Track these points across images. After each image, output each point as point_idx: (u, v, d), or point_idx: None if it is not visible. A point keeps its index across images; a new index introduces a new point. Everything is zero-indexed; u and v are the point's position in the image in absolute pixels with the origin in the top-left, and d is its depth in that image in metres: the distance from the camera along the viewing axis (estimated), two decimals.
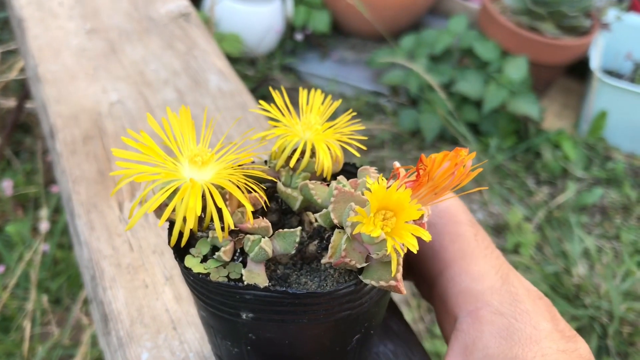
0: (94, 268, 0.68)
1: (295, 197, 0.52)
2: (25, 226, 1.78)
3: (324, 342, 0.50)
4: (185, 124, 0.49)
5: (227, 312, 0.47)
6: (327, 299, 0.45)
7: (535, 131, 2.37)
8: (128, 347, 0.61)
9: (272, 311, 0.45)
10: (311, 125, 0.53)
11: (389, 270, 0.45)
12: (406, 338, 0.64)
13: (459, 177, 0.44)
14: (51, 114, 0.86)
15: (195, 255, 0.47)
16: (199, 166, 0.46)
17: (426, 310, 1.83)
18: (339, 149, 0.54)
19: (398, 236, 0.41)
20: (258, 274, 0.48)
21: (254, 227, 0.48)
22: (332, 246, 0.45)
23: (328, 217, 0.48)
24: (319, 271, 0.50)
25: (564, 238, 2.03)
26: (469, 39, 2.42)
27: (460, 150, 0.44)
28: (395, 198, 0.41)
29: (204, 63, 0.98)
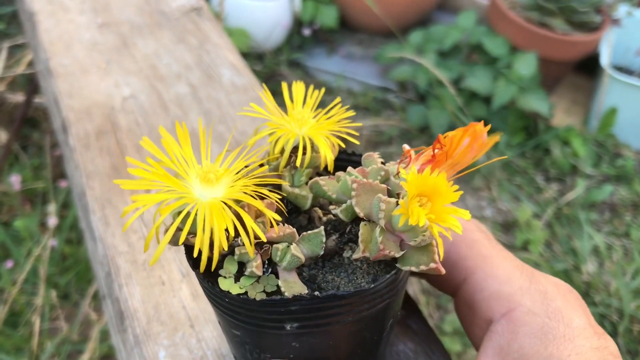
0: (109, 264, 0.67)
1: (305, 196, 0.52)
2: (34, 221, 1.78)
3: (364, 334, 0.49)
4: (184, 143, 0.48)
5: (269, 327, 0.45)
6: (371, 293, 0.44)
7: (544, 127, 2.36)
8: (145, 345, 0.60)
9: (318, 317, 0.44)
10: (305, 120, 0.52)
11: (427, 254, 0.45)
12: (426, 337, 0.64)
13: (477, 151, 0.44)
14: (63, 108, 0.86)
15: (226, 277, 0.46)
16: (213, 184, 0.45)
17: (435, 308, 1.82)
18: (336, 139, 0.53)
19: (440, 220, 0.40)
20: (295, 282, 0.47)
21: (279, 236, 0.47)
22: (362, 240, 0.45)
23: (350, 211, 0.47)
24: (343, 265, 0.50)
25: (573, 235, 2.02)
26: (478, 34, 2.41)
27: (476, 125, 0.44)
28: (432, 183, 0.40)
29: (216, 57, 0.97)
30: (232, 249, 0.47)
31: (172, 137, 0.47)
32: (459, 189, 0.42)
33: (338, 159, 0.57)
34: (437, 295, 1.85)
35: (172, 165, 0.46)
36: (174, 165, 0.46)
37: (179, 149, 0.47)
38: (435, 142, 0.46)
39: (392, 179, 0.49)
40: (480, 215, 2.11)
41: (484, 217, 2.10)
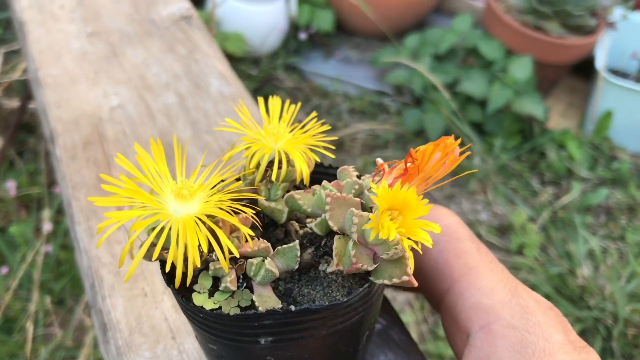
0: (93, 276, 0.68)
1: (281, 210, 0.52)
2: (29, 227, 1.78)
3: (339, 347, 0.50)
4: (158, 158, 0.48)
5: (243, 341, 0.46)
6: (345, 306, 0.45)
7: (540, 131, 2.36)
8: (127, 356, 0.61)
9: (292, 330, 0.45)
10: (280, 134, 0.52)
11: (399, 267, 0.45)
12: (407, 348, 0.64)
13: (449, 165, 0.45)
14: (51, 118, 0.86)
15: (201, 292, 0.47)
16: (187, 199, 0.45)
17: (429, 312, 1.82)
18: (311, 153, 0.54)
19: (411, 234, 0.41)
20: (269, 297, 0.47)
21: (253, 250, 0.47)
22: (336, 254, 0.45)
23: (324, 225, 0.48)
24: (319, 279, 0.50)
25: (568, 239, 2.02)
26: (474, 38, 2.41)
27: (447, 139, 0.45)
28: (402, 197, 0.41)
29: (205, 66, 0.98)
30: (207, 264, 0.47)
31: (147, 153, 0.48)
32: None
33: (315, 172, 0.57)
34: None
35: (146, 181, 0.47)
36: (147, 181, 0.47)
37: (154, 165, 0.48)
38: (407, 156, 0.46)
39: (366, 193, 0.50)
40: (475, 218, 2.11)
41: (479, 220, 2.10)
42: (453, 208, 2.15)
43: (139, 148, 0.47)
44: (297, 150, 0.53)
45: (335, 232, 0.48)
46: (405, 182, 0.45)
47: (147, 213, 0.45)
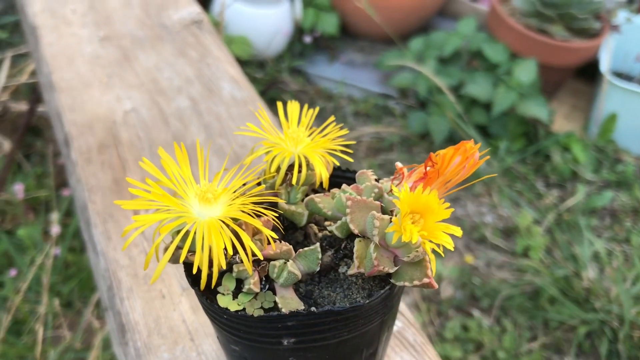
0: (111, 278, 0.69)
1: (301, 213, 0.53)
2: (37, 230, 1.79)
3: (360, 347, 0.51)
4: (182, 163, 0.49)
5: (266, 342, 0.47)
6: (367, 308, 0.46)
7: (544, 134, 2.37)
8: (146, 357, 0.61)
9: (314, 332, 0.45)
10: (300, 139, 0.53)
11: (420, 269, 0.46)
12: (422, 348, 0.65)
13: (469, 169, 0.45)
14: (66, 122, 0.87)
15: (225, 293, 0.47)
16: (211, 203, 0.46)
17: (436, 314, 1.83)
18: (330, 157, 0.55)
19: (433, 237, 0.42)
20: (291, 299, 0.48)
21: (276, 253, 0.48)
22: (357, 256, 0.46)
23: (345, 228, 0.49)
24: (339, 281, 0.51)
25: (573, 241, 2.03)
26: (478, 41, 2.42)
27: (467, 144, 0.46)
28: (424, 201, 0.41)
29: (217, 71, 0.99)
30: (231, 266, 0.48)
31: (171, 158, 0.48)
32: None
33: (333, 175, 0.58)
34: (438, 302, 1.86)
35: (171, 185, 0.48)
36: (172, 185, 0.48)
37: (178, 169, 0.48)
38: (427, 160, 0.47)
39: (385, 196, 0.50)
40: (480, 221, 2.12)
41: (484, 223, 2.11)
42: (458, 210, 2.15)
43: (163, 152, 0.48)
44: (317, 154, 0.53)
45: (355, 235, 0.48)
46: (426, 185, 0.46)
47: (172, 216, 0.45)
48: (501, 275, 1.94)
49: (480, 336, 1.75)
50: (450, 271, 1.94)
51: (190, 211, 0.46)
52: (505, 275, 1.94)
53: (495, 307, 1.84)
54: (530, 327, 1.80)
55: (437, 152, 0.47)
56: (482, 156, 0.47)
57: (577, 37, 2.36)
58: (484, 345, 1.73)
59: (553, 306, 1.83)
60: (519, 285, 1.89)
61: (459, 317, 1.82)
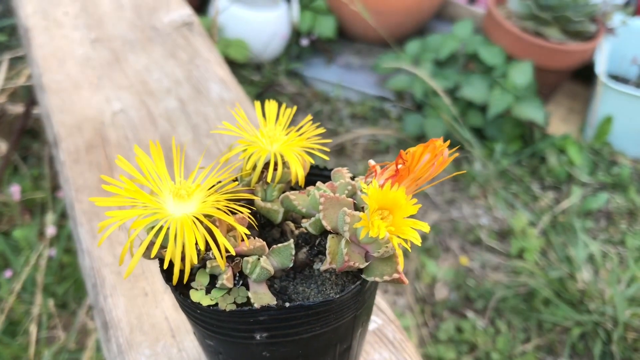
0: (95, 276, 0.69)
1: (277, 210, 0.53)
2: (32, 231, 1.80)
3: (334, 342, 0.51)
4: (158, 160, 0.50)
5: (239, 337, 0.47)
6: (338, 303, 0.46)
7: (540, 136, 2.37)
8: (127, 354, 0.62)
9: (287, 326, 0.46)
10: (276, 137, 0.54)
11: (390, 265, 0.46)
12: (401, 346, 0.65)
13: (438, 166, 0.46)
14: (55, 123, 0.88)
15: (198, 289, 0.48)
16: (185, 199, 0.47)
17: (430, 315, 1.83)
18: (307, 155, 0.55)
19: (400, 232, 0.42)
20: (264, 294, 0.49)
21: (249, 249, 0.49)
22: (329, 252, 0.47)
23: (318, 224, 0.49)
24: (313, 277, 0.51)
25: (568, 243, 2.03)
26: (474, 44, 2.42)
27: (436, 141, 0.46)
28: (392, 197, 0.42)
29: (205, 72, 1.00)
30: (204, 262, 0.49)
31: (147, 155, 0.49)
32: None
33: (310, 174, 0.59)
34: (432, 304, 1.87)
35: (146, 182, 0.48)
36: (148, 182, 0.48)
37: (153, 166, 0.49)
38: (397, 157, 0.48)
39: (358, 193, 0.51)
40: (476, 223, 2.12)
41: (480, 225, 2.11)
42: (454, 213, 2.16)
43: (138, 150, 0.49)
44: (293, 152, 0.54)
45: (329, 231, 0.49)
46: (396, 182, 0.47)
47: (147, 212, 0.46)
48: (496, 277, 1.95)
49: (474, 337, 1.76)
50: (445, 273, 1.94)
51: (164, 208, 0.47)
52: (500, 277, 1.95)
53: (490, 309, 1.85)
54: (524, 329, 1.81)
55: (407, 150, 0.48)
56: (451, 154, 0.48)
57: (572, 40, 2.36)
58: (478, 347, 1.74)
59: (547, 308, 1.83)
60: (513, 287, 1.90)
61: (453, 319, 1.82)
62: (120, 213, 0.44)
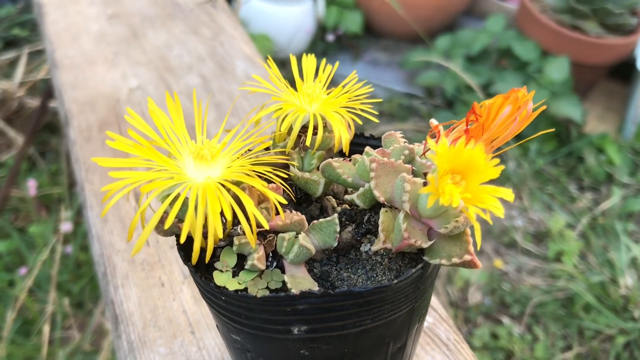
0: (105, 264, 0.61)
1: (317, 181, 0.45)
2: (48, 227, 1.73)
3: (386, 340, 0.42)
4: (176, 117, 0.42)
5: (273, 330, 0.39)
6: (395, 290, 0.37)
7: (577, 135, 2.26)
8: (140, 352, 0.54)
9: (330, 318, 0.37)
10: (315, 95, 0.45)
11: (460, 244, 0.37)
12: (456, 349, 0.56)
13: (520, 123, 0.37)
14: (66, 100, 0.80)
15: (223, 270, 0.40)
16: (208, 161, 0.38)
17: (463, 321, 1.73)
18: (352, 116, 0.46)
19: (478, 201, 0.33)
20: (303, 278, 0.40)
21: (285, 224, 0.40)
22: (383, 229, 0.38)
23: (369, 196, 0.41)
24: (361, 261, 0.43)
25: (609, 246, 1.92)
26: (507, 39, 2.33)
27: (518, 91, 0.37)
28: (467, 157, 0.33)
29: (230, 49, 0.92)
30: (231, 239, 0.40)
31: (162, 111, 0.41)
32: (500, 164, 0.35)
33: (354, 143, 0.50)
34: (465, 309, 1.76)
35: (163, 143, 0.40)
36: (163, 141, 0.40)
37: (170, 124, 0.41)
38: (469, 112, 0.39)
39: (417, 160, 0.42)
40: (510, 225, 2.02)
41: (514, 227, 2.01)
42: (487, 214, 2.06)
43: (152, 104, 0.40)
44: (335, 113, 0.46)
45: (380, 204, 0.40)
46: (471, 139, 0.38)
47: (163, 176, 0.38)
48: (532, 281, 1.84)
49: (510, 345, 1.65)
50: (479, 276, 1.84)
51: (183, 172, 0.39)
52: (537, 281, 1.84)
53: (527, 315, 1.74)
54: (564, 336, 1.70)
55: (481, 103, 0.39)
56: (536, 107, 0.39)
57: (611, 34, 2.25)
58: (515, 355, 1.63)
59: (588, 314, 1.72)
60: (551, 292, 1.79)
61: (487, 325, 1.72)
62: (127, 174, 0.36)
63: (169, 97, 0.40)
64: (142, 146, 0.36)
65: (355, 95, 0.47)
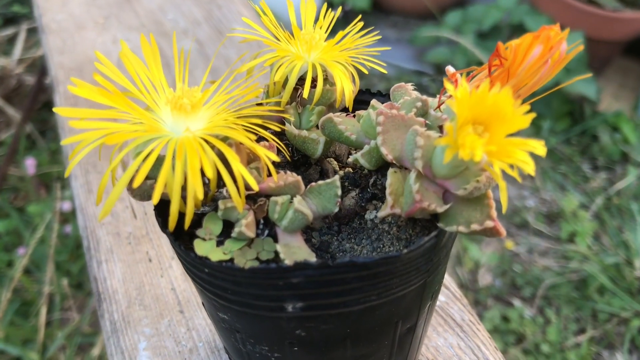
0: (89, 238, 0.56)
1: (316, 140, 0.39)
2: (48, 206, 1.69)
3: (394, 320, 0.37)
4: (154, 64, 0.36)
5: (263, 308, 0.33)
6: (405, 262, 0.32)
7: (591, 113, 2.20)
8: (123, 333, 0.49)
9: (329, 294, 0.32)
10: (315, 42, 0.39)
11: (480, 208, 0.32)
12: (472, 330, 0.51)
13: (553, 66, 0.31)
14: (53, 65, 0.75)
15: (206, 238, 0.34)
16: (187, 112, 0.33)
17: (473, 304, 1.68)
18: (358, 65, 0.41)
19: (504, 155, 0.27)
20: (299, 247, 0.34)
21: (278, 186, 0.35)
22: (391, 192, 0.32)
23: (375, 154, 0.35)
24: (366, 230, 0.37)
25: (624, 227, 1.86)
26: (520, 13, 2.25)
27: (551, 29, 0.31)
28: (491, 103, 0.27)
29: (228, 12, 0.86)
30: (217, 203, 0.35)
31: (137, 56, 0.35)
32: None
33: (359, 100, 0.44)
34: (475, 290, 1.71)
35: (136, 91, 0.35)
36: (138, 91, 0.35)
37: (146, 71, 0.36)
38: (492, 55, 0.33)
39: (431, 113, 0.37)
40: (522, 205, 1.96)
41: (526, 207, 1.95)
42: (498, 194, 2.00)
43: (125, 47, 0.35)
44: (338, 63, 0.40)
45: (389, 164, 0.35)
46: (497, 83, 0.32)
47: (134, 128, 0.32)
48: (545, 262, 1.79)
49: (521, 328, 1.60)
50: (489, 258, 1.79)
51: (159, 125, 0.33)
52: (549, 263, 1.78)
53: (538, 297, 1.69)
54: (577, 319, 1.64)
55: (507, 44, 0.34)
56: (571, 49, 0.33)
57: (629, 8, 2.17)
58: (526, 338, 1.58)
59: (602, 296, 1.67)
60: (564, 274, 1.73)
61: (498, 307, 1.67)
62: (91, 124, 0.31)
63: (144, 40, 0.35)
64: (109, 92, 0.31)
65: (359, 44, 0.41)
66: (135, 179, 0.30)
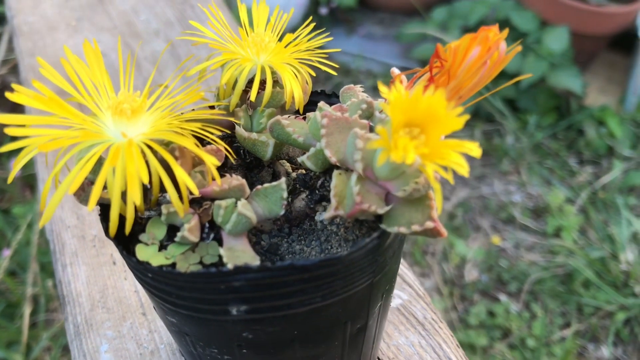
0: (55, 240, 0.56)
1: (265, 143, 0.39)
2: (32, 208, 1.69)
3: (342, 320, 0.37)
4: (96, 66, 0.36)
5: (208, 311, 0.33)
6: (346, 264, 0.32)
7: (577, 107, 2.20)
8: (85, 336, 0.49)
9: (273, 296, 0.32)
10: (264, 44, 0.39)
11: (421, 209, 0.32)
12: (433, 328, 0.51)
13: (492, 67, 0.31)
14: (23, 68, 0.75)
15: (148, 243, 0.34)
16: (128, 117, 0.33)
17: (459, 299, 1.69)
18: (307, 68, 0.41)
19: (438, 157, 0.28)
20: (242, 251, 0.35)
21: (222, 189, 0.35)
22: (335, 194, 0.33)
23: (320, 156, 0.35)
24: (315, 232, 0.37)
25: (610, 221, 1.87)
26: (506, 9, 2.26)
27: (489, 30, 0.31)
28: (424, 106, 0.28)
29: (201, 13, 0.86)
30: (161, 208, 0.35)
31: (79, 58, 0.35)
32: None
33: (313, 101, 0.44)
34: (461, 286, 1.72)
35: (77, 95, 0.35)
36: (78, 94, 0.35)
37: (88, 73, 0.36)
38: (432, 56, 0.33)
39: (377, 115, 0.37)
40: (508, 200, 1.97)
41: (512, 202, 1.96)
42: (484, 189, 2.01)
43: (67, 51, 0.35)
44: (288, 65, 0.40)
45: (335, 166, 0.35)
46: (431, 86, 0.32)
47: (74, 134, 0.33)
48: (531, 257, 1.79)
49: (507, 322, 1.61)
50: (476, 253, 1.79)
51: (101, 130, 0.33)
52: (535, 258, 1.79)
53: (524, 292, 1.70)
54: (562, 313, 1.65)
55: (447, 45, 0.34)
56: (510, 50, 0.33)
57: (613, 2, 2.18)
58: (512, 332, 1.59)
59: (588, 290, 1.68)
60: (550, 268, 1.74)
61: (484, 302, 1.68)
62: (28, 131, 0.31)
63: (87, 43, 0.35)
64: (45, 98, 0.31)
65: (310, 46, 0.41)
66: (72, 184, 0.30)
